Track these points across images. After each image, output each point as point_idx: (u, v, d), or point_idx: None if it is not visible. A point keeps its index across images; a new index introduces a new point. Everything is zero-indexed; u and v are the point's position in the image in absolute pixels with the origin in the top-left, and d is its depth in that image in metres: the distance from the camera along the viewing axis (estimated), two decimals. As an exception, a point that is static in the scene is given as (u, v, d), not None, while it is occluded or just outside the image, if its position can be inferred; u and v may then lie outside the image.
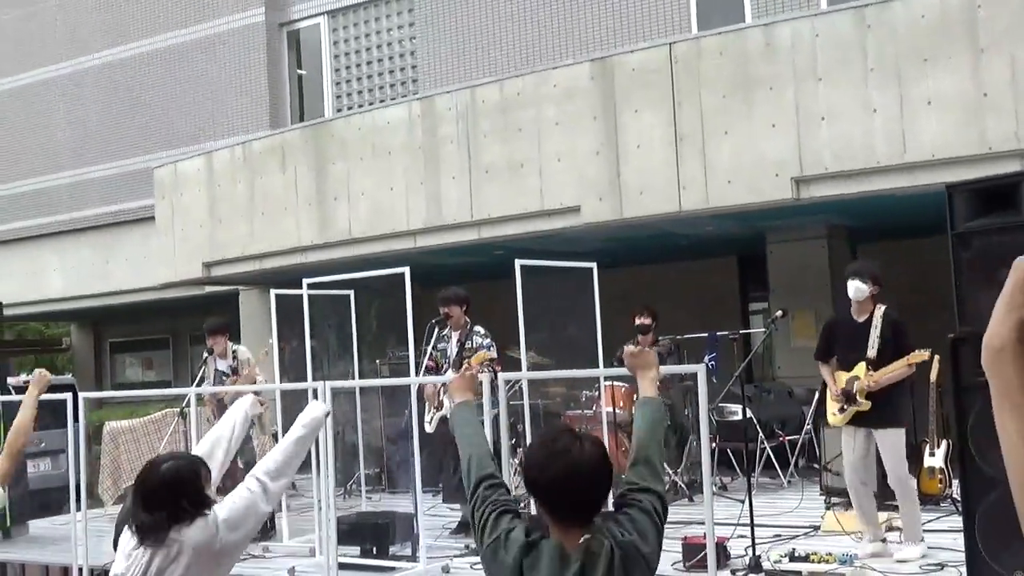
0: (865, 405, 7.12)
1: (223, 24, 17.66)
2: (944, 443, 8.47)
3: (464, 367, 8.77)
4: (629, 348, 3.57)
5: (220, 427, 4.24)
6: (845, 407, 7.22)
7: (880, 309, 7.25)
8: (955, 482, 8.15)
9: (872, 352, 7.13)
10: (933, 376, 8.51)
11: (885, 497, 7.83)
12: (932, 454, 8.48)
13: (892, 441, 7.16)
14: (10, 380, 11.61)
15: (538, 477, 3.00)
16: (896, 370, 7.09)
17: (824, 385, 7.69)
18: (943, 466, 8.41)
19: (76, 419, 7.63)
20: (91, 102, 19.46)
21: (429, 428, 8.91)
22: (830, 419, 7.51)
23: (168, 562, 3.53)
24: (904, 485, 7.20)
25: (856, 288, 7.22)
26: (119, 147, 18.99)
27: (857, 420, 7.22)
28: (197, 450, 4.08)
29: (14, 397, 9.81)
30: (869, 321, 7.24)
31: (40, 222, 19.94)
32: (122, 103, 19.02)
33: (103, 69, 19.29)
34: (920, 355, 7.19)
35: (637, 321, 10.27)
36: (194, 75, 18.04)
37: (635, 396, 10.00)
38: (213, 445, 4.10)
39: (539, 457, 3.02)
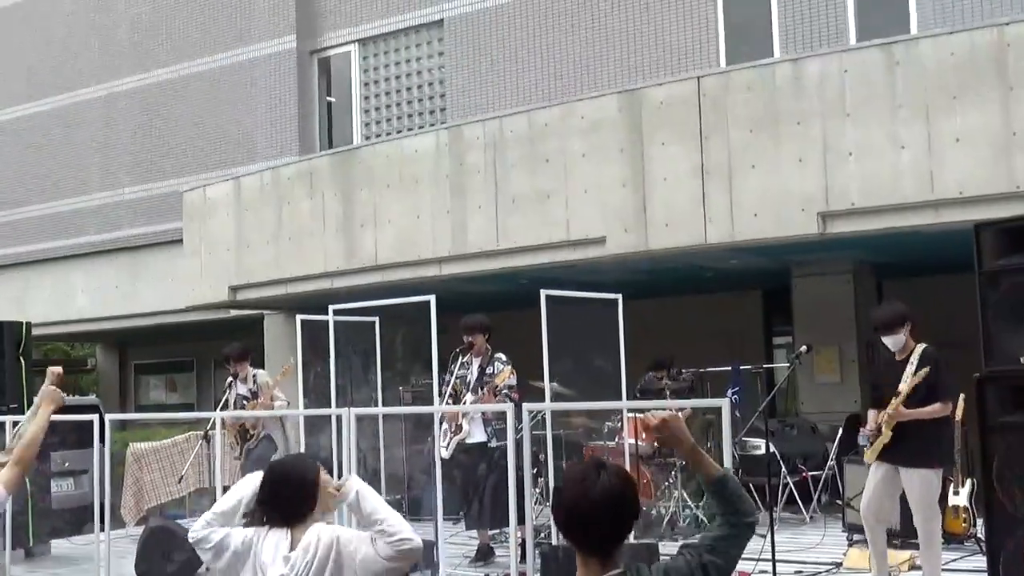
0: (886, 436, 7.03)
1: (255, 51, 17.84)
2: (969, 482, 8.41)
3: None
4: (656, 414, 3.26)
5: (243, 488, 4.38)
6: (874, 442, 7.16)
7: (920, 347, 7.19)
8: (979, 521, 8.09)
9: (903, 385, 7.05)
10: (958, 415, 8.46)
11: (911, 535, 7.77)
12: (956, 493, 8.42)
13: (918, 482, 6.99)
14: (36, 399, 11.68)
15: (558, 505, 3.01)
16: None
17: (848, 421, 7.66)
18: (967, 505, 8.35)
19: (102, 440, 7.68)
20: (123, 125, 19.65)
21: (445, 453, 8.91)
22: (866, 456, 7.45)
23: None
24: (926, 529, 7.03)
25: (894, 341, 7.18)
26: (149, 170, 19.16)
27: (885, 455, 7.13)
28: (223, 504, 4.22)
29: (40, 416, 9.88)
30: (908, 358, 7.19)
31: (69, 243, 20.11)
32: (153, 127, 19.21)
33: (136, 93, 19.49)
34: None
35: (657, 376, 10.36)
36: (225, 101, 18.20)
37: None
38: (239, 503, 4.24)
39: (562, 486, 3.04)
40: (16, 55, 21.42)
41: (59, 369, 6.10)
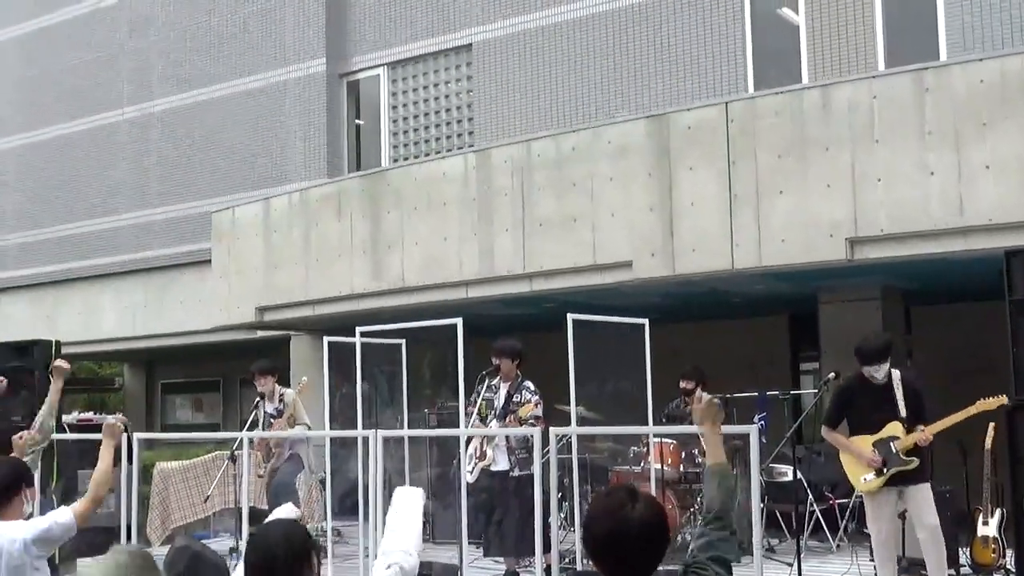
0: (913, 463, 7.06)
1: (285, 74, 17.98)
2: (998, 511, 8.34)
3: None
4: (699, 400, 3.59)
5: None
6: (884, 470, 7.14)
7: (896, 372, 7.25)
8: (1009, 552, 8.02)
9: (904, 412, 7.12)
10: (988, 443, 8.40)
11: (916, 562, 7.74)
12: (986, 523, 8.34)
13: (925, 494, 7.21)
14: (64, 418, 11.75)
15: (589, 532, 2.99)
16: (953, 421, 7.07)
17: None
18: (997, 535, 8.27)
19: (129, 460, 7.72)
20: (154, 146, 19.83)
21: (470, 478, 8.90)
22: (860, 486, 7.40)
23: None
24: (938, 533, 7.17)
25: (881, 372, 7.20)
26: (179, 191, 19.31)
27: (892, 480, 7.16)
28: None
29: (68, 436, 9.96)
30: (890, 383, 7.21)
31: (99, 262, 20.26)
32: (184, 148, 19.37)
33: (167, 115, 19.67)
34: (996, 401, 7.09)
35: (682, 385, 10.30)
36: (255, 123, 18.34)
37: (682, 453, 9.95)
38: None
39: (592, 512, 3.02)
40: (50, 75, 21.66)
41: (65, 365, 6.15)
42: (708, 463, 3.45)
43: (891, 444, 7.10)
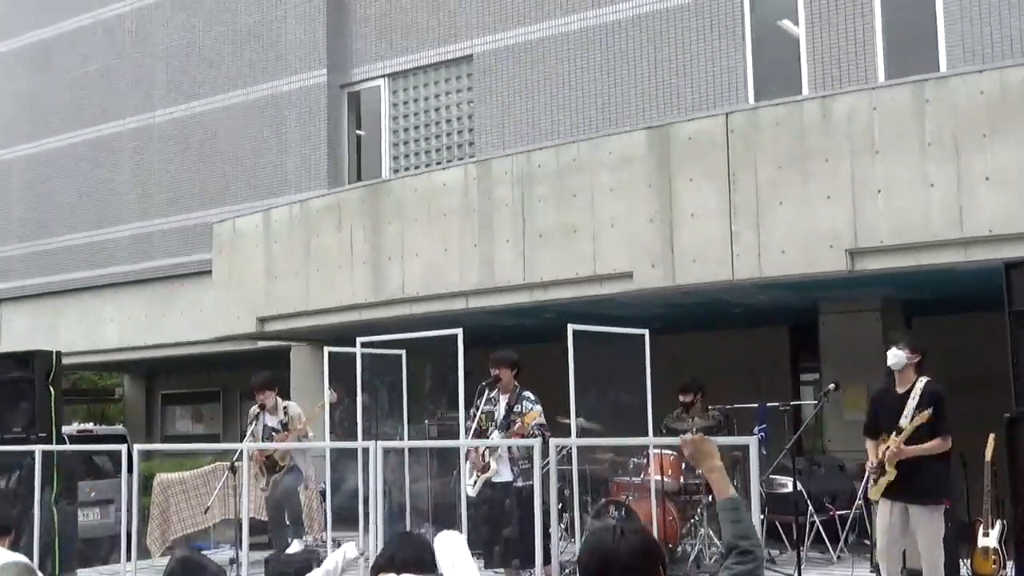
0: (891, 474, 7.04)
1: (286, 84, 18.01)
2: (999, 523, 8.32)
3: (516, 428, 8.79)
4: (686, 437, 3.45)
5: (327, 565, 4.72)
6: (878, 479, 7.15)
7: (921, 380, 7.19)
8: (1009, 563, 8.00)
9: (904, 421, 7.06)
10: (988, 455, 8.39)
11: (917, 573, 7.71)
12: (986, 534, 8.33)
13: (925, 519, 7.05)
14: (65, 429, 11.75)
15: (579, 562, 2.99)
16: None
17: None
18: (997, 546, 8.26)
19: (129, 470, 7.72)
20: (155, 157, 19.85)
21: (472, 491, 8.86)
22: (870, 493, 7.42)
23: None
24: (936, 566, 7.02)
25: (894, 355, 7.20)
26: (180, 202, 19.33)
27: (892, 493, 7.12)
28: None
29: (69, 447, 9.96)
30: (909, 392, 7.18)
31: (100, 273, 20.27)
32: (185, 159, 19.39)
33: (168, 125, 19.70)
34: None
35: (682, 399, 10.29)
36: (256, 133, 18.37)
37: (682, 465, 9.94)
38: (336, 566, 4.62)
39: (584, 542, 3.02)
40: (52, 86, 21.72)
41: None
42: (719, 500, 3.30)
43: (886, 453, 7.13)
